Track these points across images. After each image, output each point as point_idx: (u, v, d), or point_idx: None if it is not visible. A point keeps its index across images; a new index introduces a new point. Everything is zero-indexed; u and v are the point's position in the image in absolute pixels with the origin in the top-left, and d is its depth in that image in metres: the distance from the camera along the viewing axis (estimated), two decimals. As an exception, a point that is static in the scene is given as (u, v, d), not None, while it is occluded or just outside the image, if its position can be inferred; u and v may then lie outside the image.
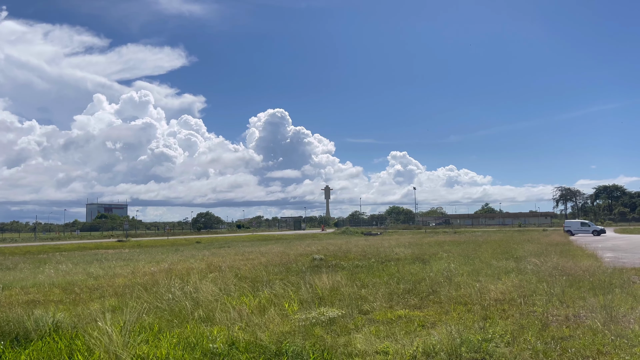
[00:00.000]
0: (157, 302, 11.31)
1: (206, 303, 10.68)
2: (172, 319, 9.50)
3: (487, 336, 7.58)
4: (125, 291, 14.07)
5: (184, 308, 10.29)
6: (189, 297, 11.31)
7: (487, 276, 15.25)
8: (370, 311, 10.28)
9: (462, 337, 7.38)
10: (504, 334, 7.82)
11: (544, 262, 17.98)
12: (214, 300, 10.92)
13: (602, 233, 57.31)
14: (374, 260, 21.90)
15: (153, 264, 24.12)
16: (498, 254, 23.43)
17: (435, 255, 24.32)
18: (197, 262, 23.50)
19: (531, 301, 10.88)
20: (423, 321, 9.20)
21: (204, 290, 11.93)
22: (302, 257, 24.15)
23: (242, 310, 9.95)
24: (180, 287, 13.36)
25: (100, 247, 52.88)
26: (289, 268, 18.96)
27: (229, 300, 11.21)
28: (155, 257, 30.07)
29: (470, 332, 7.91)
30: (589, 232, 57.55)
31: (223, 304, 10.64)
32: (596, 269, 16.08)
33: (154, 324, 8.92)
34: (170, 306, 10.65)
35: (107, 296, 13.32)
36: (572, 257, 21.00)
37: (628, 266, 18.27)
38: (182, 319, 9.42)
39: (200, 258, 27.19)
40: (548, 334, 7.89)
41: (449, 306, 10.63)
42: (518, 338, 7.58)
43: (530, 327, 8.25)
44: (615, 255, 24.86)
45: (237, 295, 11.90)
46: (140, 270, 20.46)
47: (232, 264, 21.51)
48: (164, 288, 12.84)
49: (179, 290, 12.32)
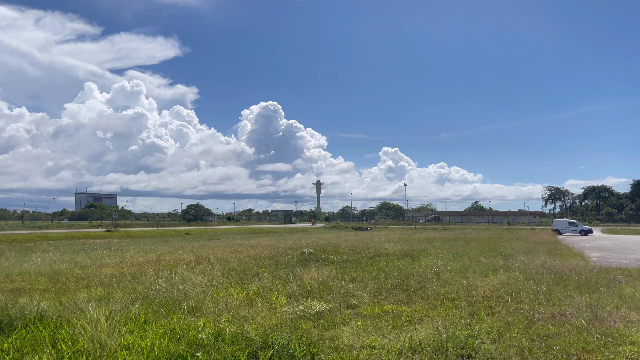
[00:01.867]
0: (144, 292, 11.23)
1: (193, 294, 10.63)
2: (159, 309, 9.43)
3: (473, 332, 7.61)
4: (112, 281, 13.96)
5: (171, 299, 10.23)
6: (176, 289, 11.24)
7: (475, 273, 15.33)
8: (358, 305, 10.28)
9: (448, 333, 7.40)
10: (490, 331, 7.85)
11: (531, 260, 18.10)
12: (201, 292, 10.87)
13: (590, 233, 57.89)
14: (363, 255, 21.93)
15: (141, 254, 23.97)
16: (486, 252, 23.57)
17: (424, 251, 24.41)
18: (185, 254, 23.39)
19: (518, 298, 10.94)
20: (410, 316, 9.22)
21: (192, 281, 11.86)
22: (291, 251, 24.13)
23: (229, 302, 9.91)
24: (167, 278, 13.29)
25: (89, 236, 52.50)
26: (278, 261, 18.93)
27: (216, 292, 11.17)
28: (144, 248, 29.90)
29: (456, 328, 7.93)
30: (577, 232, 58.08)
31: (211, 296, 10.60)
32: (583, 268, 16.23)
33: (140, 315, 8.86)
34: (158, 297, 10.57)
35: (93, 286, 13.20)
36: (559, 256, 21.17)
37: (614, 266, 18.45)
38: (169, 310, 9.36)
39: (189, 249, 27.08)
40: (534, 331, 7.93)
41: (436, 302, 10.66)
42: (504, 335, 7.61)
43: (517, 324, 8.29)
44: (601, 255, 25.10)
45: (225, 287, 11.86)
46: (128, 261, 20.32)
47: (221, 256, 21.44)
48: (151, 279, 12.75)
49: (167, 282, 12.24)
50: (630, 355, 6.69)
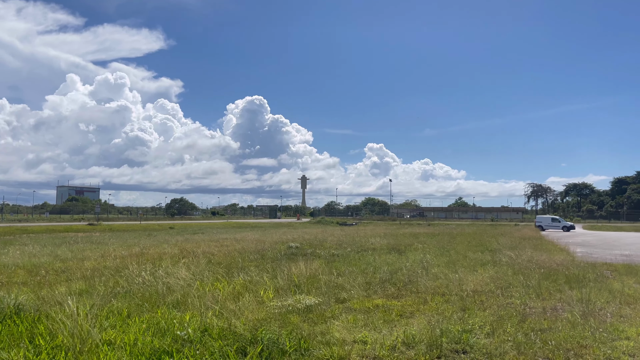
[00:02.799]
0: (128, 286, 10.90)
1: (178, 288, 10.33)
2: (143, 303, 9.12)
3: (466, 327, 7.45)
4: (94, 274, 13.57)
5: (155, 293, 9.93)
6: (160, 282, 10.92)
7: (463, 267, 15.24)
8: (348, 299, 10.09)
9: (441, 327, 7.24)
10: (483, 325, 7.70)
11: (518, 255, 18.11)
12: (186, 286, 10.58)
13: (572, 229, 58.58)
14: (350, 250, 21.77)
15: (125, 248, 23.51)
16: (473, 247, 23.58)
17: (410, 246, 24.34)
18: (170, 247, 22.99)
19: (508, 293, 10.84)
20: (401, 311, 9.04)
21: (177, 275, 11.56)
22: (277, 245, 23.87)
23: (215, 296, 9.64)
24: (151, 271, 12.96)
25: (70, 230, 51.61)
26: (264, 255, 18.66)
27: (202, 285, 10.88)
28: (127, 242, 29.37)
29: (449, 322, 7.78)
30: (559, 228, 58.76)
31: (196, 289, 10.31)
32: (569, 263, 16.25)
33: (123, 309, 8.54)
34: (141, 291, 10.24)
35: (74, 279, 12.80)
36: (545, 251, 21.25)
37: (599, 261, 18.54)
38: (153, 304, 9.05)
39: (173, 243, 26.65)
40: (527, 325, 7.80)
41: (426, 296, 10.51)
42: (498, 329, 7.46)
43: (509, 319, 8.16)
44: (585, 250, 25.29)
45: (211, 281, 11.57)
46: (110, 254, 19.87)
47: (206, 249, 21.10)
48: (135, 272, 12.40)
49: (150, 275, 11.91)
50: (627, 350, 6.59)
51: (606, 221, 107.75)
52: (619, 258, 20.87)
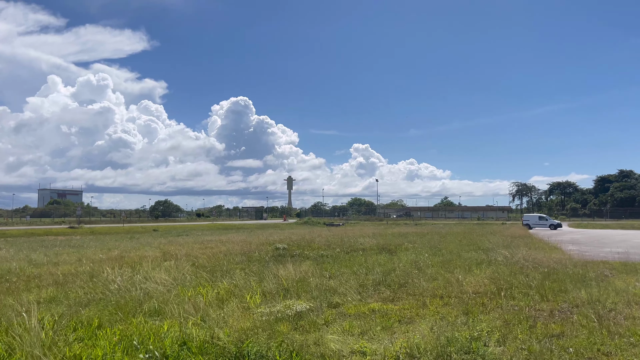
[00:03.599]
0: (102, 292, 10.06)
1: (157, 294, 9.51)
2: (117, 312, 8.31)
3: (474, 334, 6.79)
4: (67, 280, 12.68)
5: (132, 300, 9.11)
6: (138, 288, 10.10)
7: (458, 267, 14.64)
8: (341, 304, 9.38)
9: (447, 335, 6.57)
10: (491, 331, 7.05)
11: (513, 254, 17.57)
12: (166, 292, 9.76)
13: (559, 227, 58.65)
14: (339, 250, 21.07)
15: (104, 251, 22.54)
16: (465, 246, 23.04)
17: (401, 246, 23.72)
18: (152, 250, 22.09)
19: (509, 294, 10.23)
20: (400, 315, 8.36)
21: (156, 279, 10.73)
22: (264, 246, 23.07)
23: (197, 302, 8.86)
24: (129, 276, 12.13)
25: (50, 233, 50.22)
26: (250, 257, 17.87)
27: (183, 291, 10.09)
28: (107, 245, 28.34)
29: (454, 328, 7.11)
30: (546, 226, 58.75)
31: (176, 295, 9.53)
32: (567, 261, 15.76)
33: (94, 318, 7.72)
34: (116, 298, 9.41)
35: (45, 285, 11.90)
36: (538, 250, 20.79)
37: (594, 259, 18.09)
38: (128, 313, 8.25)
39: (155, 246, 25.71)
40: (539, 331, 7.16)
41: (424, 299, 9.85)
42: (508, 336, 6.81)
43: (518, 324, 7.52)
44: (577, 248, 24.92)
45: (194, 286, 10.76)
46: (88, 258, 18.92)
47: (189, 252, 20.24)
48: (110, 277, 11.54)
49: (128, 280, 11.07)
50: (653, 358, 5.98)
51: (590, 219, 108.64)
52: (613, 256, 20.47)
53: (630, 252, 23.41)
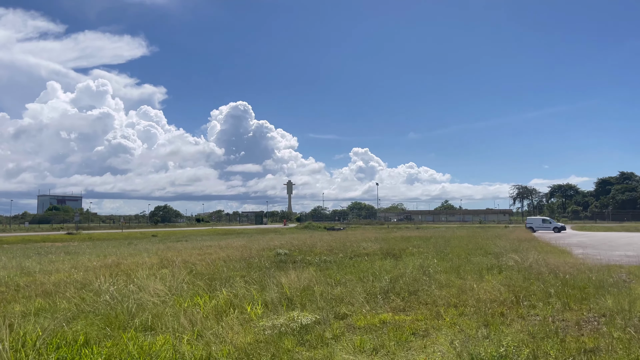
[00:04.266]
0: (92, 304, 9.39)
1: (151, 306, 8.84)
2: (106, 326, 7.65)
3: (500, 350, 6.13)
4: (59, 289, 12.00)
5: (122, 312, 8.44)
6: (131, 298, 9.43)
7: (468, 273, 13.99)
8: (349, 315, 8.71)
9: (470, 351, 5.92)
10: (518, 347, 6.39)
11: (524, 258, 16.89)
12: (160, 303, 9.09)
13: (563, 230, 57.97)
14: (342, 256, 20.41)
15: (100, 258, 21.86)
16: (471, 250, 22.37)
17: (405, 250, 23.06)
18: (149, 257, 21.40)
19: (528, 302, 9.57)
20: (414, 328, 7.69)
21: (151, 289, 10.06)
22: (265, 252, 22.41)
23: (194, 314, 8.20)
24: (123, 285, 11.46)
25: (47, 239, 49.54)
26: (250, 263, 17.20)
27: (179, 301, 9.43)
28: (104, 251, 27.63)
29: (476, 343, 6.46)
30: (550, 229, 58.10)
31: (172, 307, 8.87)
32: (581, 266, 15.09)
33: (80, 334, 7.06)
34: (107, 310, 8.74)
35: (34, 296, 11.22)
36: (548, 254, 20.13)
37: (607, 263, 17.40)
38: (119, 326, 7.59)
39: (153, 252, 25.02)
40: (570, 345, 6.51)
41: (437, 308, 9.19)
42: (537, 352, 6.16)
43: (547, 338, 6.86)
44: (587, 252, 24.24)
45: (190, 295, 10.10)
46: (82, 265, 18.25)
47: (187, 258, 19.57)
48: (103, 287, 10.86)
49: (120, 290, 10.40)
50: None
51: (592, 222, 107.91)
52: (626, 259, 19.84)
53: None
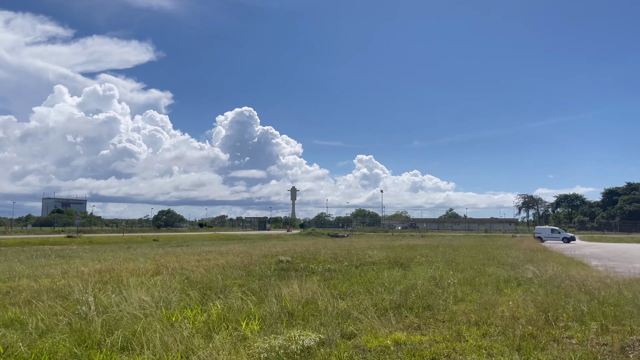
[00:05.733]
0: (69, 316, 8.39)
1: (133, 320, 7.83)
2: (81, 343, 6.66)
3: (542, 384, 5.11)
4: (41, 297, 11.01)
5: (102, 326, 7.44)
6: (112, 310, 8.44)
7: (484, 286, 12.94)
8: (357, 334, 7.68)
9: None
10: (562, 380, 5.37)
11: (542, 270, 15.82)
12: (145, 316, 8.08)
13: (572, 240, 56.60)
14: (347, 264, 19.36)
15: (95, 262, 20.91)
16: (483, 260, 21.28)
17: (413, 259, 21.99)
18: (146, 262, 20.43)
19: (560, 322, 8.52)
20: (433, 352, 6.65)
21: (135, 300, 9.06)
22: (266, 259, 21.40)
23: (182, 330, 7.20)
24: (109, 293, 10.48)
25: (46, 242, 48.70)
26: (250, 271, 16.18)
27: (167, 314, 8.43)
28: (101, 256, 26.69)
29: (511, 374, 5.43)
30: (559, 239, 56.75)
31: (158, 321, 7.87)
32: (605, 279, 14.00)
33: (44, 354, 6.07)
34: (84, 323, 7.73)
35: (11, 305, 10.24)
36: (565, 265, 19.01)
37: (630, 277, 16.29)
38: (92, 345, 6.60)
39: (151, 257, 24.04)
40: (624, 379, 5.48)
41: (457, 327, 8.16)
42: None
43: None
44: (603, 263, 23.10)
45: (180, 308, 9.09)
46: (75, 270, 17.29)
47: (185, 265, 18.56)
48: (83, 296, 9.83)
49: (100, 301, 9.41)
50: None
51: (599, 232, 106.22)
52: (648, 272, 18.71)
53: (663, 268, 21.65)
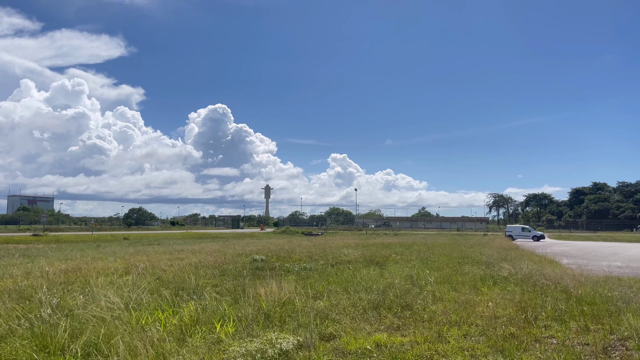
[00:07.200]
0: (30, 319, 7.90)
1: (100, 323, 7.40)
2: (38, 351, 6.22)
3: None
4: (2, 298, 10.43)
5: (66, 330, 7.00)
6: (76, 313, 7.99)
7: (461, 285, 12.88)
8: (337, 335, 7.44)
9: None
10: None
11: (518, 268, 15.90)
12: (113, 319, 7.66)
13: (542, 239, 57.81)
14: (323, 263, 19.13)
15: (62, 262, 20.13)
16: (458, 258, 21.34)
17: (388, 258, 21.92)
18: (116, 261, 19.80)
19: (540, 322, 8.45)
20: (416, 354, 6.46)
21: (103, 302, 8.61)
22: (240, 258, 21.00)
23: (152, 334, 6.83)
24: (77, 294, 9.99)
25: (11, 241, 47.07)
26: (224, 271, 15.79)
27: (137, 316, 8.02)
28: (69, 255, 25.78)
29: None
30: (530, 238, 57.88)
31: (127, 324, 7.46)
32: (580, 278, 14.11)
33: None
34: (46, 327, 7.26)
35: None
36: (539, 264, 19.19)
37: (601, 275, 16.54)
38: (55, 351, 6.18)
39: (121, 256, 23.34)
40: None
41: (438, 327, 8.00)
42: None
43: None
44: (574, 262, 23.44)
45: (151, 309, 8.69)
46: (39, 270, 16.57)
47: (156, 264, 18.03)
48: (47, 298, 9.32)
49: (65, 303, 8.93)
50: None
51: (567, 231, 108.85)
52: (618, 270, 19.08)
53: (632, 265, 22.14)
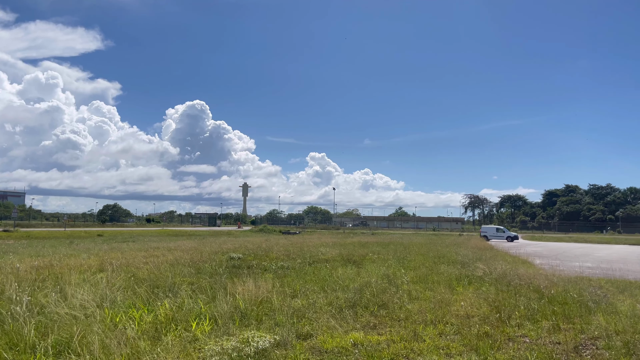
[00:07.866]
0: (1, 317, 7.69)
1: (72, 321, 7.25)
2: (8, 349, 6.07)
3: (503, 386, 5.03)
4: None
5: (37, 328, 6.84)
6: (48, 311, 7.82)
7: (437, 284, 13.02)
8: (313, 334, 7.44)
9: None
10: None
11: (492, 268, 16.15)
12: (86, 317, 7.52)
13: (516, 239, 58.84)
14: (300, 261, 19.11)
15: (34, 258, 19.68)
16: (434, 258, 21.56)
17: (365, 257, 22.02)
18: (89, 258, 19.44)
19: (513, 321, 8.59)
20: (391, 352, 6.50)
21: (75, 299, 8.44)
22: (217, 256, 20.82)
23: (126, 332, 6.72)
24: (48, 292, 9.77)
25: (-21, 237, 45.80)
26: (200, 268, 15.64)
27: (111, 315, 7.88)
28: (40, 251, 25.22)
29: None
30: (504, 238, 58.84)
31: (102, 321, 7.33)
32: (552, 278, 14.41)
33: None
34: (17, 326, 7.08)
35: None
36: (513, 264, 19.54)
37: (573, 275, 16.92)
38: (25, 349, 6.03)
39: (95, 253, 22.91)
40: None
41: (413, 326, 8.06)
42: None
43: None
44: (547, 262, 23.97)
45: (125, 307, 8.55)
46: (9, 267, 16.16)
47: (130, 261, 17.76)
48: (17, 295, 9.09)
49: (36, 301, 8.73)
50: None
51: (540, 232, 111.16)
52: (588, 271, 19.56)
53: (602, 266, 22.67)
